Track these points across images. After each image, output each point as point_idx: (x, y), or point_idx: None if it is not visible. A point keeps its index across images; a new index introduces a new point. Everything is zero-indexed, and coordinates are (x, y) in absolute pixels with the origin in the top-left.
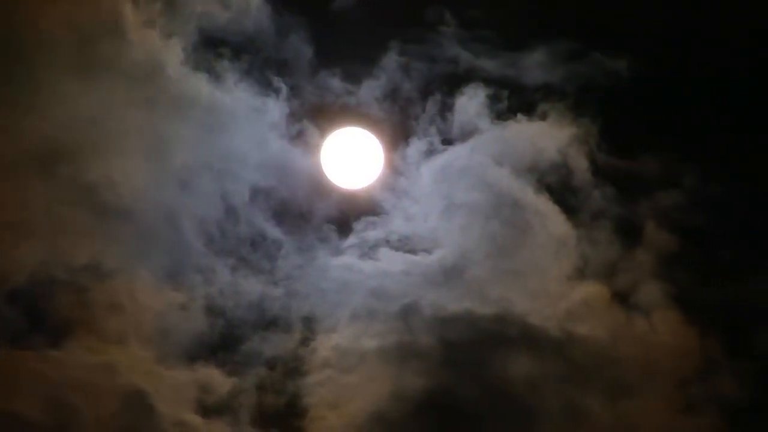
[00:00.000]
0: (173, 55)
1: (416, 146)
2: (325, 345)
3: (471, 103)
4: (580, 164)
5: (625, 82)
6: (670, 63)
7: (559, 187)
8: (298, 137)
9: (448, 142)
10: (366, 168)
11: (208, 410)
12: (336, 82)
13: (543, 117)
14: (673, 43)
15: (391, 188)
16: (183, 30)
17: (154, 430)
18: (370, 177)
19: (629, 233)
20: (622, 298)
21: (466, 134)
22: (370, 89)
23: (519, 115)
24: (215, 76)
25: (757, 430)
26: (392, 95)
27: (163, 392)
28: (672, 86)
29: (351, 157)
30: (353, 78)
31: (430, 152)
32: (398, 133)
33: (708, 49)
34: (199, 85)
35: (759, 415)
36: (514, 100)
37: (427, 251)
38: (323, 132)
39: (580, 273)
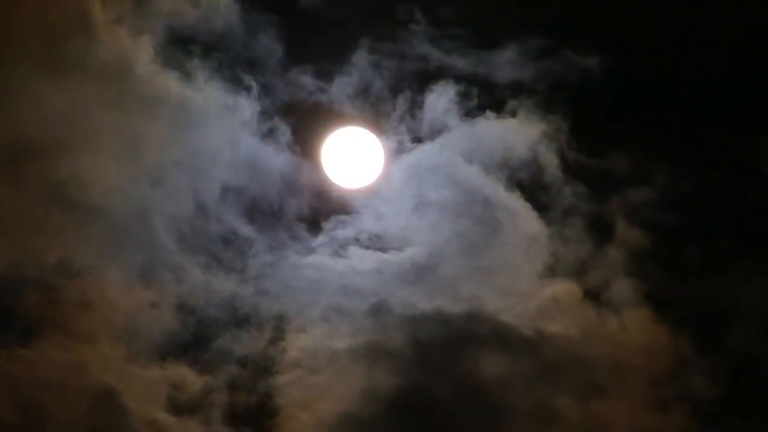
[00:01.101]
0: (143, 53)
1: (386, 144)
2: (296, 343)
3: (441, 100)
4: (551, 161)
5: (596, 80)
6: (641, 60)
7: (529, 184)
8: (269, 135)
9: (417, 140)
10: (366, 167)
11: (179, 409)
12: (308, 80)
13: (513, 114)
14: (644, 40)
15: (359, 187)
16: (152, 28)
17: (124, 428)
18: (370, 176)
19: (600, 231)
20: (593, 296)
21: (436, 132)
22: (343, 87)
23: (489, 113)
24: (185, 74)
25: (729, 428)
26: (363, 93)
27: (134, 391)
28: (643, 83)
29: (352, 156)
30: (325, 76)
31: (399, 150)
32: (365, 132)
33: (679, 46)
34: (169, 83)
35: (730, 413)
36: (485, 98)
37: (398, 249)
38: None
39: (552, 271)
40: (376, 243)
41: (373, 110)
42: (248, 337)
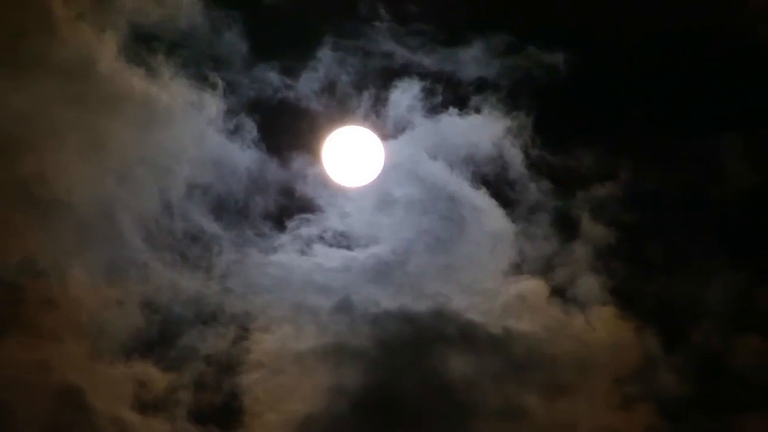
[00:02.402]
0: (106, 49)
1: (350, 144)
2: (261, 342)
3: (405, 97)
4: (516, 158)
5: (561, 76)
6: (606, 58)
7: (495, 181)
8: (235, 132)
9: (382, 137)
10: (365, 166)
11: (144, 407)
12: (273, 77)
13: (477, 111)
14: (609, 38)
15: (323, 184)
16: (115, 24)
17: (89, 427)
18: (370, 175)
19: (566, 227)
20: (559, 293)
21: (400, 129)
22: (309, 83)
23: (453, 109)
24: (150, 72)
25: (694, 425)
26: (327, 91)
27: (99, 389)
28: (608, 81)
29: (352, 155)
30: (290, 72)
31: (363, 148)
32: (331, 129)
33: (644, 44)
34: (134, 80)
35: (695, 409)
36: (449, 94)
37: (363, 247)
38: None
39: (518, 268)
40: (341, 241)
41: (339, 107)
42: (214, 335)
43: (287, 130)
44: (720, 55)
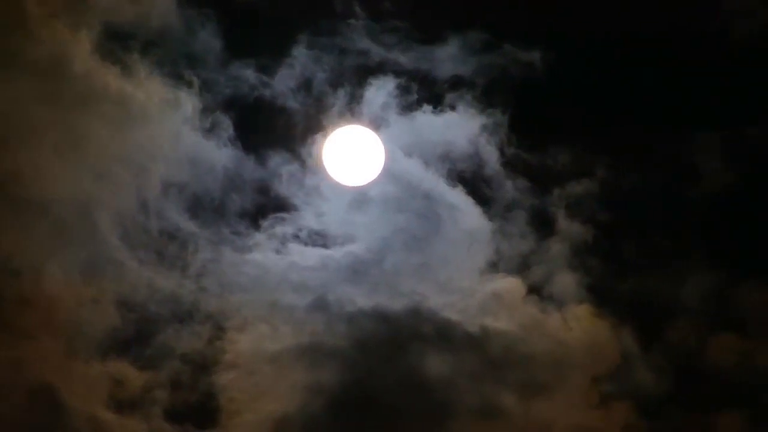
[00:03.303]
0: (81, 48)
1: (325, 141)
2: (237, 340)
3: (380, 94)
4: (492, 156)
5: (537, 74)
6: (582, 56)
7: (471, 178)
8: (211, 130)
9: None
10: (367, 165)
11: (120, 405)
12: (248, 75)
13: (453, 108)
14: (586, 36)
15: (300, 183)
16: (90, 23)
17: (64, 426)
18: (371, 174)
19: (542, 225)
20: (536, 291)
21: (376, 126)
22: (284, 81)
23: (429, 107)
24: (125, 70)
25: (670, 423)
26: (303, 89)
27: (74, 387)
28: (584, 78)
29: (353, 154)
30: (265, 70)
31: (339, 146)
32: (308, 127)
33: (620, 42)
34: (109, 78)
35: (672, 407)
36: (424, 92)
37: (339, 246)
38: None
39: (494, 266)
40: (317, 239)
41: (309, 107)
42: (190, 333)
43: (263, 128)
44: (696, 54)
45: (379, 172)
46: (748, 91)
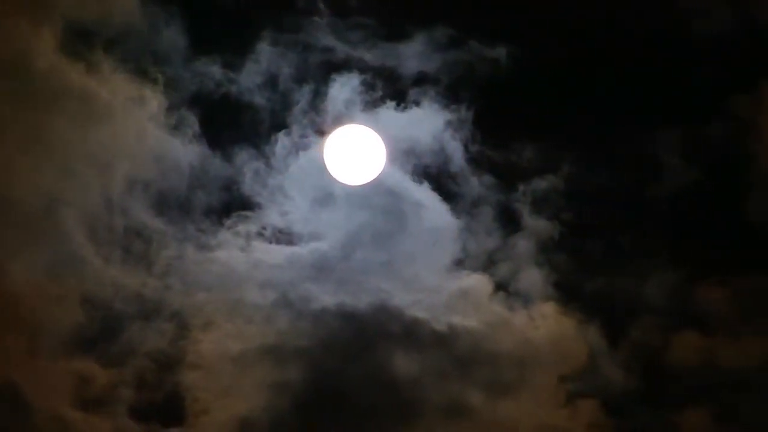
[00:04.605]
0: (44, 45)
1: (290, 138)
2: (203, 338)
3: (345, 91)
4: (457, 152)
5: (503, 70)
6: (548, 52)
7: (436, 175)
8: (177, 127)
9: (321, 132)
10: (368, 164)
11: (85, 403)
12: (214, 71)
13: (418, 104)
14: (551, 32)
15: (263, 182)
16: (53, 19)
17: (28, 424)
18: (372, 173)
19: (508, 221)
20: (503, 288)
21: (340, 124)
22: (250, 77)
23: (393, 103)
24: (90, 67)
25: (636, 420)
26: (267, 86)
27: (39, 385)
28: (550, 75)
29: (354, 153)
30: (230, 67)
31: (303, 144)
32: (271, 126)
33: (585, 40)
34: (73, 75)
35: (637, 405)
36: (389, 88)
37: (304, 243)
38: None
39: (461, 263)
40: (282, 237)
41: (272, 105)
42: (155, 331)
43: (229, 125)
44: (661, 51)
45: (347, 169)
46: (709, 89)
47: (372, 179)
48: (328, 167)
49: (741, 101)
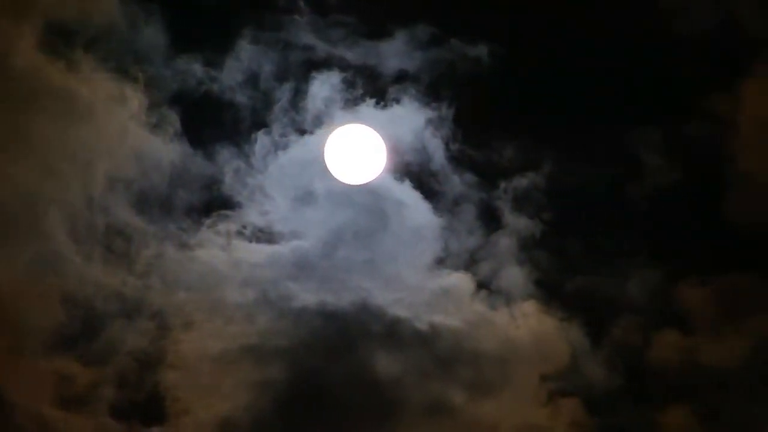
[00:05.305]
0: (24, 43)
1: (269, 137)
2: (183, 337)
3: (325, 91)
4: (439, 150)
5: (484, 69)
6: (529, 51)
7: (418, 173)
8: (158, 126)
9: (301, 131)
10: (369, 164)
11: (66, 402)
12: (195, 70)
13: (399, 102)
14: (532, 31)
15: (243, 181)
16: (33, 17)
17: (9, 423)
18: (373, 173)
19: (490, 220)
20: (484, 287)
21: (320, 122)
22: (230, 76)
23: (373, 101)
24: (70, 65)
25: (617, 418)
26: (246, 85)
27: (20, 384)
28: (531, 73)
29: (355, 153)
30: (211, 65)
31: (283, 142)
32: (252, 124)
33: (566, 38)
34: (53, 74)
35: (618, 403)
36: (370, 86)
37: (285, 242)
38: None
39: (442, 262)
40: (262, 236)
41: (252, 104)
42: (136, 330)
43: (210, 124)
44: (641, 49)
45: (328, 167)
46: (689, 88)
47: (356, 178)
48: (309, 166)
49: (721, 100)
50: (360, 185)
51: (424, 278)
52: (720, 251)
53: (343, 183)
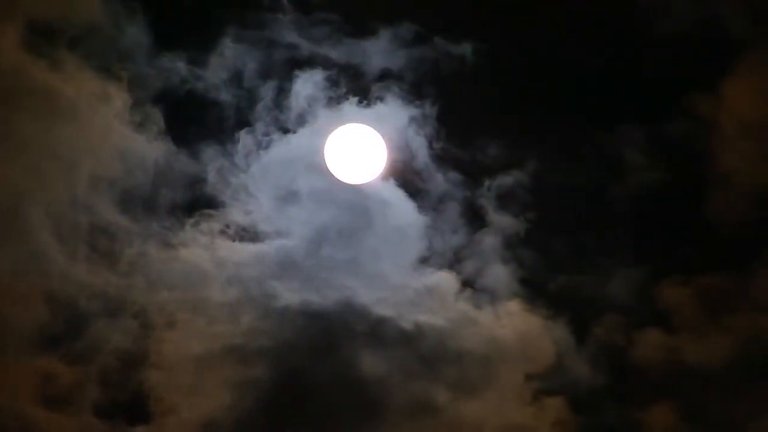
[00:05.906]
0: (7, 42)
1: (252, 136)
2: (167, 337)
3: (308, 88)
4: (422, 149)
5: (468, 67)
6: (513, 49)
7: (402, 171)
8: (142, 124)
9: (284, 130)
10: (369, 163)
11: (49, 401)
12: (179, 68)
13: (383, 100)
14: (516, 29)
15: (226, 180)
16: (16, 16)
17: None
18: (373, 172)
19: (474, 218)
20: (469, 285)
21: (303, 121)
22: (214, 75)
23: (356, 100)
24: (53, 64)
25: (602, 417)
26: (230, 83)
27: (2, 383)
28: (514, 71)
29: (356, 152)
30: (195, 63)
31: (266, 141)
32: (235, 123)
33: (550, 37)
34: (36, 72)
35: (603, 401)
36: (353, 85)
37: (268, 241)
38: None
39: (426, 260)
40: (246, 235)
41: (235, 102)
42: (120, 329)
43: (193, 122)
44: (625, 48)
45: (312, 166)
46: (671, 87)
47: (340, 177)
48: (292, 165)
49: (703, 100)
50: (344, 184)
51: (408, 277)
52: (703, 250)
53: (327, 182)
